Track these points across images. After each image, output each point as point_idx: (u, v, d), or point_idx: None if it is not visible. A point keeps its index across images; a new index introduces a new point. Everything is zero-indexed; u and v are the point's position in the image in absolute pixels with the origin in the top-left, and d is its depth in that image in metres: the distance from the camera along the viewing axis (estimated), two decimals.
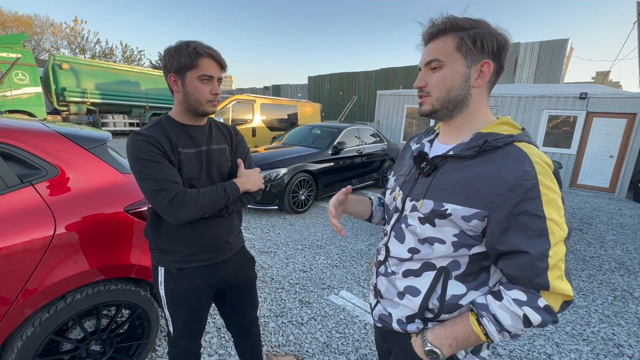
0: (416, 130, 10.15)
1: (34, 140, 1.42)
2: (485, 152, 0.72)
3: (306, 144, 5.74)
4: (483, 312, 0.71)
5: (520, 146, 0.70)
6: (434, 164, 0.79)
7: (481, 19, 0.73)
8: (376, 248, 1.01)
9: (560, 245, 0.66)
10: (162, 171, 1.04)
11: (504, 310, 0.68)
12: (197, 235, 1.17)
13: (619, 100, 7.08)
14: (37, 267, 1.30)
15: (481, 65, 0.72)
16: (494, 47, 0.71)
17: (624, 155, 7.16)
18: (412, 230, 0.81)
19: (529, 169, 0.65)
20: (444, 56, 0.73)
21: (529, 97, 8.01)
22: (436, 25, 0.74)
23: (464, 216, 0.71)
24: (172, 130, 1.12)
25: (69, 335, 1.51)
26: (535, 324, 0.67)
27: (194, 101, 1.10)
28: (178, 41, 1.09)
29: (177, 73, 1.08)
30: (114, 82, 12.86)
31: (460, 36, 0.71)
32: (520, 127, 0.76)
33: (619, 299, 2.88)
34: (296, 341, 2.13)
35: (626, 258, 3.81)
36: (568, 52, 12.92)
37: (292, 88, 23.40)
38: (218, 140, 1.24)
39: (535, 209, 0.65)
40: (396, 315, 0.86)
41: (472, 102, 0.76)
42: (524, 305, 0.67)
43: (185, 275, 1.18)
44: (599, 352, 2.18)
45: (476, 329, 0.71)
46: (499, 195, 0.67)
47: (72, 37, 23.89)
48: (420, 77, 0.79)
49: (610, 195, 7.38)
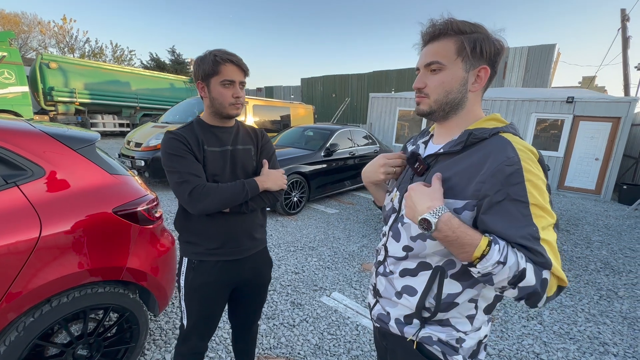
0: (408, 132, 10.24)
1: (19, 140, 1.38)
2: (472, 145, 0.74)
3: (299, 145, 5.74)
4: (500, 242, 0.66)
5: (505, 135, 0.72)
6: (427, 164, 0.81)
7: (479, 24, 0.75)
8: (375, 249, 1.01)
9: (550, 231, 0.66)
10: (186, 165, 1.14)
11: (514, 254, 0.65)
12: (217, 230, 1.24)
13: (604, 104, 7.28)
14: (22, 269, 1.27)
15: (479, 70, 0.75)
16: (491, 53, 0.73)
17: (609, 158, 7.35)
18: (407, 227, 0.82)
19: (512, 155, 0.66)
20: (444, 59, 0.75)
21: (518, 100, 8.17)
22: (437, 26, 0.75)
23: (455, 209, 0.72)
24: (201, 131, 1.22)
25: (54, 340, 1.47)
26: (523, 285, 0.64)
27: (219, 105, 1.19)
28: (205, 51, 1.19)
29: (203, 80, 1.18)
30: (104, 82, 12.66)
31: (461, 40, 0.73)
32: (507, 122, 0.78)
33: (604, 298, 2.95)
34: (288, 343, 2.12)
35: (611, 258, 3.91)
36: (555, 57, 13.22)
37: (284, 90, 23.38)
38: (244, 141, 1.32)
39: (518, 194, 0.65)
40: (394, 314, 0.86)
41: (467, 104, 0.78)
42: (529, 263, 0.64)
43: (205, 268, 1.25)
44: (585, 351, 2.22)
45: (481, 247, 0.65)
46: (483, 182, 0.68)
47: (61, 35, 23.44)
48: (420, 78, 0.80)
49: (596, 197, 7.56)
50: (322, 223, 4.62)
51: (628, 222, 5.58)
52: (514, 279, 0.64)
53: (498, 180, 0.66)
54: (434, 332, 0.81)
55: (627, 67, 10.43)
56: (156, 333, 2.10)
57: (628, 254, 4.06)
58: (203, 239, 1.24)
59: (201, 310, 1.28)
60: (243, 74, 1.20)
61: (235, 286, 1.35)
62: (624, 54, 10.40)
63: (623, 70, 10.52)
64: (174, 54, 25.27)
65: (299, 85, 22.12)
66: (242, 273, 1.32)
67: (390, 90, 16.15)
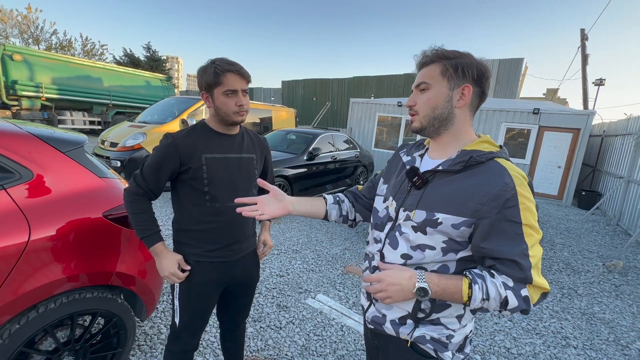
0: (386, 137, 10.52)
1: (6, 142, 1.35)
2: (471, 166, 0.83)
3: (281, 149, 5.76)
4: (478, 280, 0.78)
5: (500, 162, 0.82)
6: (425, 179, 0.88)
7: (466, 52, 0.86)
8: (364, 253, 1.08)
9: (537, 247, 0.77)
10: (153, 174, 1.20)
11: (493, 286, 0.77)
12: (215, 236, 1.29)
13: (566, 116, 7.87)
14: (9, 275, 1.24)
15: (462, 88, 0.84)
16: (474, 74, 0.83)
17: (570, 166, 7.95)
18: (406, 237, 0.89)
19: (509, 182, 0.77)
20: (430, 79, 0.85)
21: (490, 110, 8.65)
22: (426, 56, 0.87)
23: (453, 224, 0.81)
24: (203, 136, 1.25)
25: (40, 347, 1.43)
26: (510, 308, 0.76)
27: (223, 114, 1.22)
28: (207, 60, 1.21)
29: (207, 91, 1.21)
30: (74, 77, 12.05)
31: (444, 64, 0.84)
32: (498, 145, 0.88)
33: (566, 296, 3.21)
34: (275, 345, 2.16)
35: (572, 259, 4.24)
36: (523, 70, 14.10)
37: (265, 92, 23.24)
38: (248, 149, 1.36)
39: (513, 216, 0.76)
40: (390, 316, 0.93)
41: (457, 121, 0.87)
42: (509, 289, 0.76)
43: (200, 268, 1.28)
44: (550, 344, 2.43)
45: (465, 290, 0.78)
46: (483, 204, 0.77)
47: (25, 25, 21.99)
48: (411, 98, 0.91)
49: (558, 202, 8.13)
50: (305, 226, 4.67)
51: (586, 225, 6.05)
52: (502, 305, 0.77)
53: (497, 203, 0.76)
54: (427, 332, 0.89)
55: (586, 82, 11.32)
56: (141, 339, 2.07)
57: (586, 255, 4.42)
58: (201, 242, 1.28)
59: (194, 308, 1.31)
60: (245, 81, 1.23)
61: (227, 285, 1.39)
62: (583, 70, 11.27)
63: (582, 85, 11.39)
64: (149, 50, 24.43)
65: (279, 87, 22.07)
66: (235, 273, 1.37)
67: (369, 96, 16.51)
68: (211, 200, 1.25)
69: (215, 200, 1.25)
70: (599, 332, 2.64)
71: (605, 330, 2.67)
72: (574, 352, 2.36)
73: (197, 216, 1.26)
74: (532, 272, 0.75)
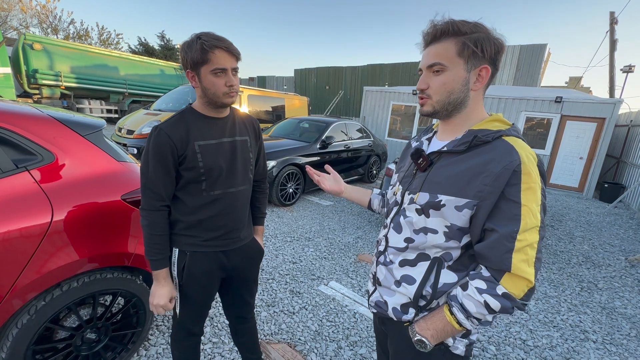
0: (400, 127, 10.34)
1: (29, 125, 1.38)
2: (476, 146, 0.77)
3: (294, 137, 5.74)
4: (452, 302, 0.77)
5: (508, 140, 0.75)
6: (430, 160, 0.85)
7: (479, 23, 0.76)
8: (373, 240, 1.06)
9: (532, 232, 0.70)
10: (153, 176, 1.11)
11: (468, 299, 0.74)
12: (214, 224, 1.22)
13: (591, 105, 7.51)
14: (34, 254, 1.28)
15: (480, 70, 0.77)
16: (492, 52, 0.75)
17: (593, 157, 7.63)
18: (409, 221, 0.86)
19: (514, 159, 0.71)
20: (446, 60, 0.76)
21: (509, 98, 8.34)
22: (437, 27, 0.77)
23: (456, 206, 0.76)
24: (193, 122, 1.15)
25: (64, 324, 1.49)
26: (497, 310, 0.72)
27: (212, 95, 1.11)
28: (191, 35, 1.08)
29: (192, 69, 1.09)
30: (91, 66, 12.27)
31: (462, 41, 0.74)
32: (510, 123, 0.82)
33: (585, 290, 3.12)
34: (288, 329, 2.19)
35: (592, 253, 4.11)
36: (546, 56, 13.47)
37: (277, 80, 23.11)
38: (241, 131, 1.28)
39: (513, 195, 0.70)
40: (392, 303, 0.91)
41: (470, 103, 0.81)
42: (484, 292, 0.72)
43: (198, 257, 1.23)
44: (568, 337, 2.37)
45: (449, 318, 0.77)
46: (486, 185, 0.72)
47: (44, 15, 22.40)
48: (422, 80, 0.82)
49: (579, 194, 7.86)
50: (317, 215, 4.68)
51: (608, 219, 5.84)
52: (488, 309, 0.73)
53: (500, 183, 0.71)
54: None
55: (614, 69, 10.74)
56: (159, 319, 2.13)
57: (607, 249, 4.27)
58: (199, 231, 1.22)
59: (195, 298, 1.27)
60: (235, 59, 1.11)
61: (227, 274, 1.34)
62: (610, 56, 10.69)
63: (609, 72, 10.82)
64: (163, 39, 24.59)
65: (292, 76, 21.91)
66: (234, 261, 1.31)
67: (384, 84, 16.19)
68: (207, 189, 1.18)
69: (211, 188, 1.19)
70: (620, 327, 2.57)
71: (627, 326, 2.59)
72: (593, 346, 2.30)
73: (193, 206, 1.19)
74: (513, 257, 0.69)
